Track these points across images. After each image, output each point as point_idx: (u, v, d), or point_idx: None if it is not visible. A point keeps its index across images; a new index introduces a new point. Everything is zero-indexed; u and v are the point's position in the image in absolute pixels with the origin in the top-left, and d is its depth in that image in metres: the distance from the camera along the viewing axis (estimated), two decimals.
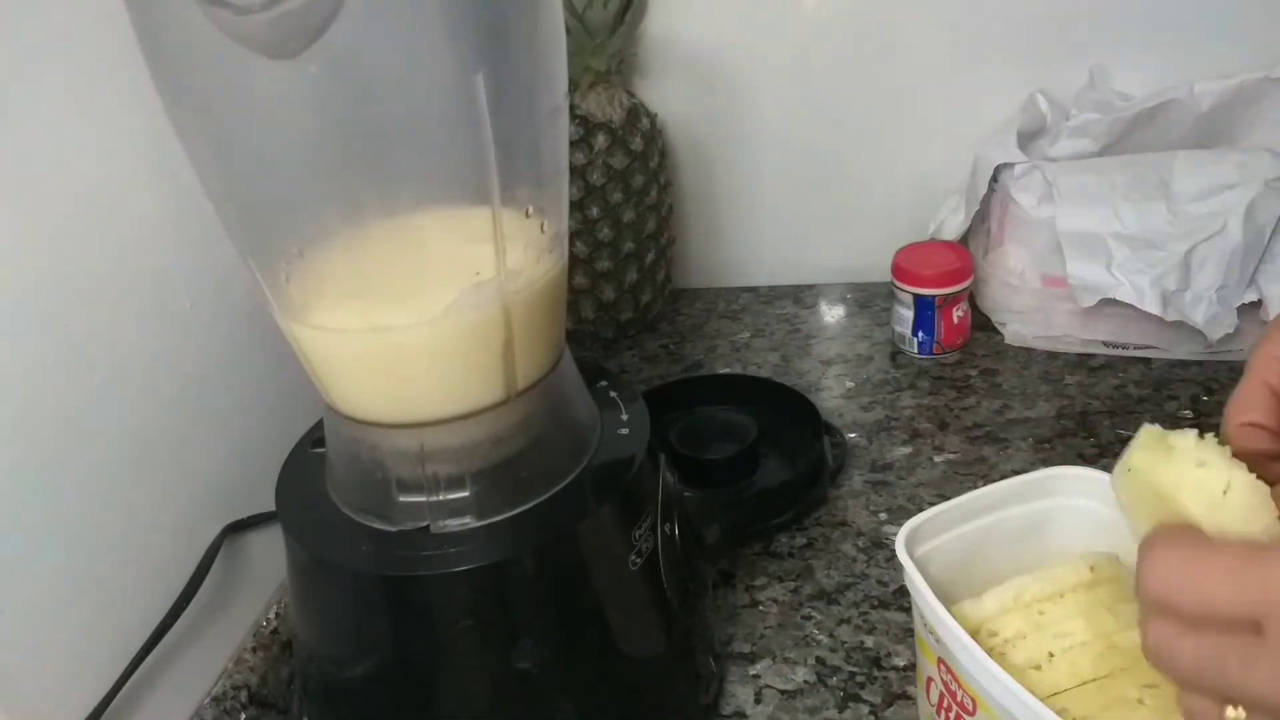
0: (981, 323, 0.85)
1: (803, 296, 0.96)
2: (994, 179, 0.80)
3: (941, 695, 0.42)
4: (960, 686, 0.40)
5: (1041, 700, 0.39)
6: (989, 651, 0.43)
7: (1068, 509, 0.47)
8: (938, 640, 0.40)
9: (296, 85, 0.34)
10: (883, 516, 0.65)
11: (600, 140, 0.80)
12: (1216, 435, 0.33)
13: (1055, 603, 0.43)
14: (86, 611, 0.45)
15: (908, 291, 0.81)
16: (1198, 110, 0.77)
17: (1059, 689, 0.40)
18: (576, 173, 0.80)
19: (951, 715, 0.42)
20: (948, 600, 0.44)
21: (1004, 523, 0.46)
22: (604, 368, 0.52)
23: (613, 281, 0.86)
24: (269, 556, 0.57)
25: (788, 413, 0.73)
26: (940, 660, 0.41)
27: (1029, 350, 0.81)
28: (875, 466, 0.70)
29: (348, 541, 0.42)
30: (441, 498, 0.41)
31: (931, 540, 0.45)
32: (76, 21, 0.45)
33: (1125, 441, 0.34)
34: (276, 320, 0.41)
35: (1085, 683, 0.40)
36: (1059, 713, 0.39)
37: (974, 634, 0.44)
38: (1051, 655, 0.41)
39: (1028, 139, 0.81)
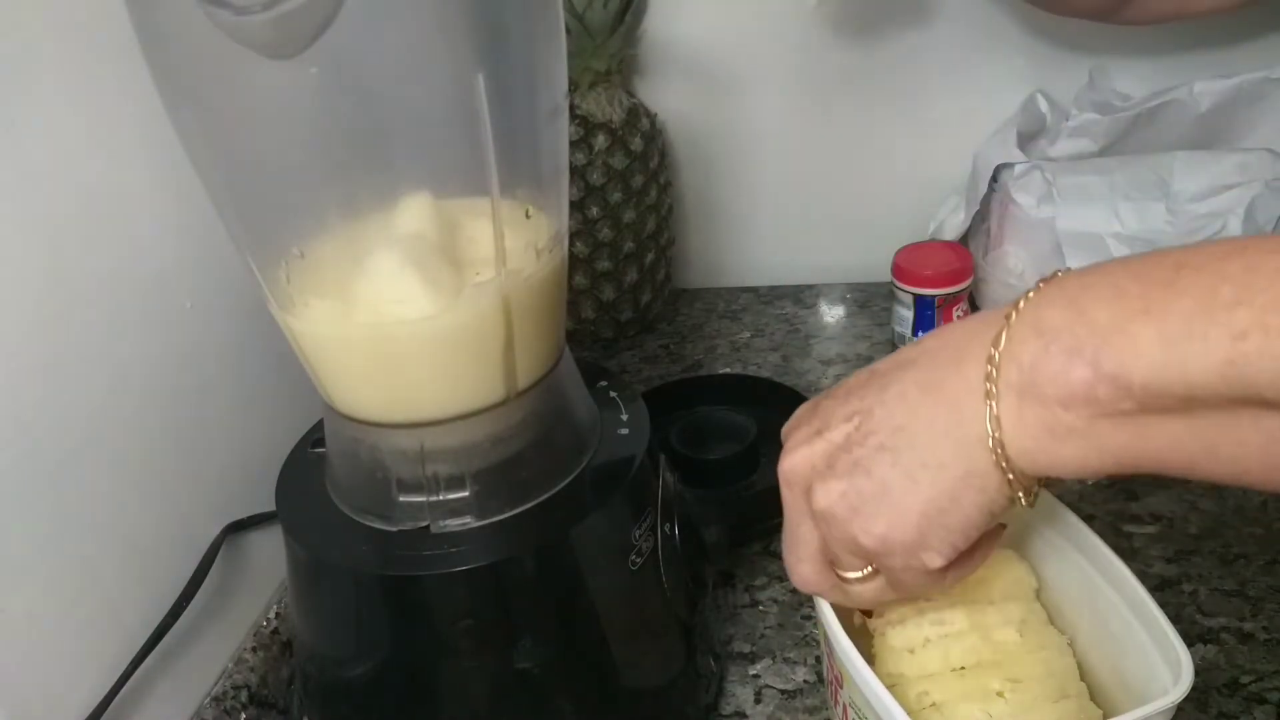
0: None
1: (803, 296, 0.96)
2: (994, 179, 0.80)
3: (828, 669, 0.44)
4: (833, 662, 0.42)
5: (910, 680, 0.41)
6: (873, 631, 0.45)
7: None
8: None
9: (296, 85, 0.34)
10: None
11: (600, 140, 0.80)
12: None
13: (944, 592, 0.45)
14: (86, 611, 0.45)
15: (908, 291, 0.81)
16: (1198, 110, 0.77)
17: (927, 673, 0.41)
18: (576, 173, 0.80)
19: (833, 688, 0.44)
20: None
21: None
22: (604, 368, 0.52)
23: (613, 281, 0.86)
24: (269, 556, 0.57)
25: (788, 413, 0.72)
26: (824, 636, 0.42)
27: None
28: None
29: (348, 541, 0.42)
30: (441, 498, 0.41)
31: None
32: (76, 21, 0.45)
33: None
34: (277, 319, 0.41)
35: (953, 670, 0.41)
36: (920, 695, 0.41)
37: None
38: (927, 640, 0.42)
39: (1028, 139, 0.81)
